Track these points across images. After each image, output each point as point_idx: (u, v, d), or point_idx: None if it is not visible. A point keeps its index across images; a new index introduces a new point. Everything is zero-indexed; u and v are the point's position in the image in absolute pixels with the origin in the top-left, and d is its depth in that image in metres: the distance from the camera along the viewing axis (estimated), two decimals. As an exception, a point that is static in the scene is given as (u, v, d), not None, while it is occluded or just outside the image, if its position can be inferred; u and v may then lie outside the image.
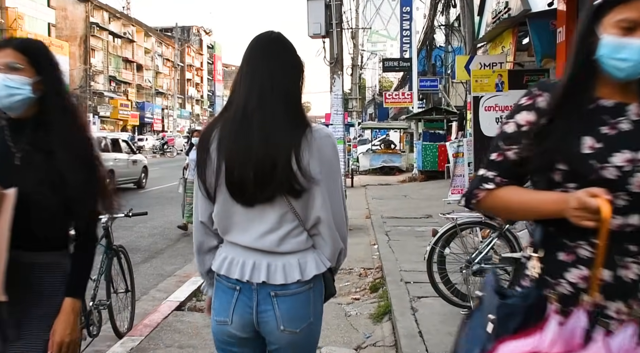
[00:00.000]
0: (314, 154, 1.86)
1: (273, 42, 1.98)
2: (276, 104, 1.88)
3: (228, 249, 1.96)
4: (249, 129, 1.85)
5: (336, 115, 9.55)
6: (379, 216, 11.09)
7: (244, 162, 1.83)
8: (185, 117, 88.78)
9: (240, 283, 1.91)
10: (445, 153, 19.59)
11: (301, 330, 1.92)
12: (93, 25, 61.85)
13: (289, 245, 1.90)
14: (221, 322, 1.95)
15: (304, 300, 1.92)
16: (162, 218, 12.04)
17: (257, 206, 1.87)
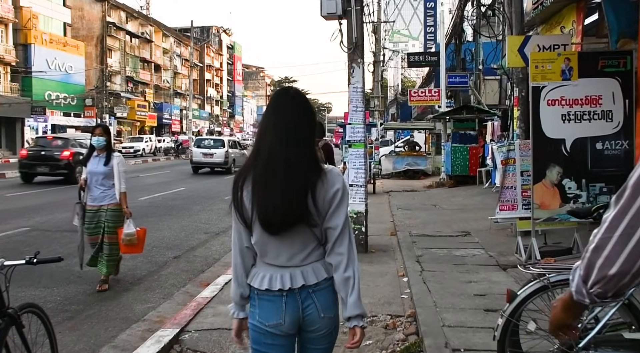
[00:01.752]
0: (324, 190, 2.31)
1: (292, 99, 2.42)
2: (296, 154, 2.31)
3: (265, 269, 2.39)
4: (274, 176, 2.28)
5: (355, 113, 7.83)
6: (406, 233, 9.33)
7: (271, 203, 2.27)
8: (205, 117, 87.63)
9: (285, 291, 2.34)
10: (476, 156, 17.80)
11: (334, 316, 2.42)
12: (110, 25, 60.78)
13: (313, 257, 2.39)
14: (274, 325, 2.36)
15: (331, 291, 2.41)
16: (155, 233, 10.38)
17: (284, 234, 2.31)
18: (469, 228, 9.62)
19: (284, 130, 2.32)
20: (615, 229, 1.37)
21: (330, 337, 2.46)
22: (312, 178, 2.28)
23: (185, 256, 8.56)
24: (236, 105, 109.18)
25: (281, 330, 2.36)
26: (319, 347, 2.46)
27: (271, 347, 2.40)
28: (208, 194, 17.23)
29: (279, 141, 2.30)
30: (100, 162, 6.59)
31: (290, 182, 2.25)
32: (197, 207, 14.15)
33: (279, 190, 2.24)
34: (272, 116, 2.38)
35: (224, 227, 11.33)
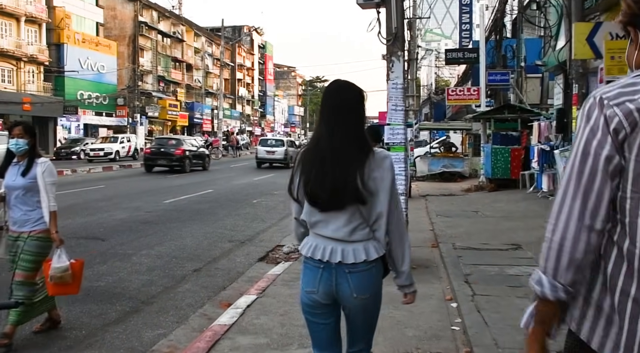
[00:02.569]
0: (374, 172, 2.52)
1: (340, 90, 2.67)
2: (344, 139, 2.55)
3: (313, 239, 2.65)
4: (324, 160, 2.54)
5: (395, 112, 6.97)
6: (449, 245, 8.44)
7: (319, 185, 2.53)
8: (236, 117, 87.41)
9: (323, 263, 2.57)
10: (519, 158, 16.79)
11: (368, 297, 2.59)
12: (142, 25, 60.79)
13: (357, 235, 2.56)
14: (310, 291, 2.63)
15: (368, 275, 2.57)
16: (176, 241, 9.69)
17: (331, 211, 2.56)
18: (518, 240, 8.69)
19: (333, 117, 2.59)
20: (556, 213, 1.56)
21: (367, 314, 2.65)
22: (359, 162, 2.51)
23: (207, 269, 7.81)
24: (267, 105, 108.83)
25: (315, 299, 2.61)
26: (357, 322, 2.67)
27: (312, 313, 2.68)
28: (235, 197, 16.52)
29: (329, 127, 2.58)
30: (19, 172, 4.82)
31: (338, 166, 2.50)
32: (223, 212, 13.44)
33: (327, 174, 2.51)
34: (324, 105, 2.65)
35: (250, 234, 10.58)
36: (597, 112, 1.52)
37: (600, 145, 1.50)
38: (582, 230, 1.52)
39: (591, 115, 1.53)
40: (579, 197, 1.52)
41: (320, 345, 2.76)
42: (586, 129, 1.54)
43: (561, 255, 1.54)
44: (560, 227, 1.54)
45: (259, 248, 9.35)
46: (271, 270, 7.37)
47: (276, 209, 14.16)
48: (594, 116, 1.52)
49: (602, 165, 1.51)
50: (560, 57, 13.34)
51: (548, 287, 1.56)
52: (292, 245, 9.40)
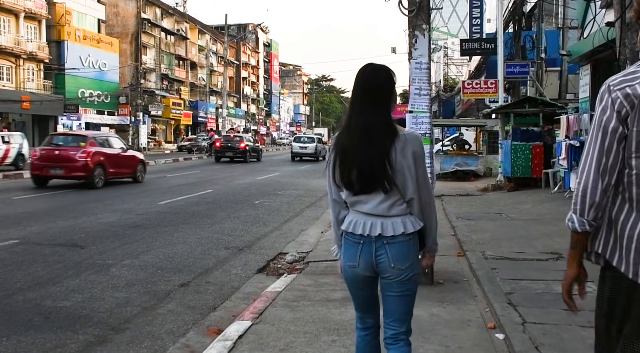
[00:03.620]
0: (402, 154, 2.64)
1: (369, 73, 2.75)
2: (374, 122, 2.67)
3: (353, 215, 2.78)
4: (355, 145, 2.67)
5: (419, 97, 5.82)
6: (478, 254, 7.28)
7: (352, 170, 2.67)
8: (240, 116, 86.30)
9: (362, 238, 2.73)
10: (540, 155, 15.59)
11: (405, 268, 2.72)
12: (145, 22, 59.76)
13: (395, 210, 2.69)
14: (351, 265, 2.79)
15: (406, 247, 2.71)
16: (166, 248, 8.57)
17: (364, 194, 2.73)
18: (556, 248, 7.52)
19: (364, 100, 2.71)
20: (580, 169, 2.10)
21: (403, 285, 2.75)
22: (388, 144, 2.63)
23: (196, 283, 6.67)
24: (273, 104, 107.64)
25: (356, 272, 2.80)
26: (393, 291, 2.77)
27: (354, 285, 2.87)
28: (236, 198, 15.38)
29: (360, 110, 2.72)
30: None
31: (369, 150, 2.64)
32: (222, 214, 12.30)
33: (358, 158, 2.66)
34: (355, 90, 2.76)
35: (250, 240, 9.44)
36: (606, 96, 2.03)
37: (608, 120, 2.01)
38: (598, 180, 2.03)
39: (602, 98, 2.05)
40: (595, 156, 2.03)
41: (362, 310, 2.95)
42: (599, 109, 2.05)
43: (585, 199, 2.06)
44: (583, 179, 2.06)
45: (258, 256, 8.22)
46: (271, 286, 6.23)
47: (279, 211, 13.02)
48: (604, 99, 2.04)
49: (610, 134, 2.00)
50: (595, 41, 12.14)
51: (578, 223, 2.10)
52: (297, 254, 8.27)
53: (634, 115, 1.94)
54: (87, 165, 17.15)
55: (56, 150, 17.57)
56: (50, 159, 17.30)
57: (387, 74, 2.76)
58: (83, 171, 17.13)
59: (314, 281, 6.33)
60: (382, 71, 2.76)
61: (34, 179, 17.97)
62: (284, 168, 29.54)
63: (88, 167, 17.16)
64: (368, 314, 2.94)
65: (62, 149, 17.61)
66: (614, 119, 1.97)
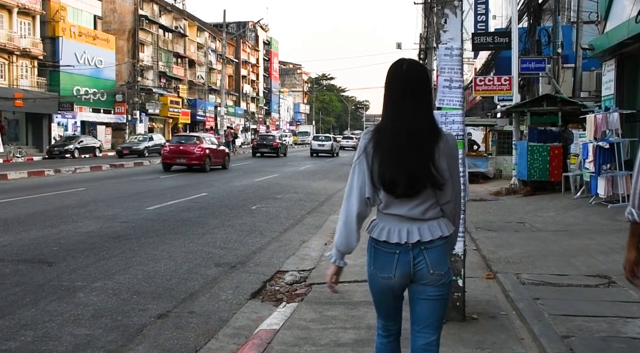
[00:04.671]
0: (444, 155, 2.55)
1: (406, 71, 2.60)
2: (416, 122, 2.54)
3: (385, 221, 2.63)
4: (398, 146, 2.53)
5: (449, 91, 4.70)
6: (512, 276, 6.17)
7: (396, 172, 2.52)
8: (240, 115, 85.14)
9: (399, 247, 2.59)
10: (559, 157, 14.49)
11: (445, 273, 2.62)
12: (142, 19, 58.62)
13: (430, 213, 2.60)
14: (386, 277, 2.63)
15: (443, 251, 2.63)
16: (147, 265, 7.46)
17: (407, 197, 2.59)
18: (602, 269, 6.42)
19: (404, 98, 2.55)
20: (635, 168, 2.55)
21: (440, 289, 2.62)
22: (431, 145, 2.53)
23: (177, 313, 5.56)
24: (272, 103, 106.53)
25: (391, 284, 2.63)
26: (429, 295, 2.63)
27: (382, 292, 2.69)
28: (232, 202, 14.27)
29: (402, 109, 2.56)
30: None
31: (413, 151, 2.51)
32: (215, 221, 11.19)
33: (404, 160, 2.51)
34: (393, 84, 2.60)
35: (244, 254, 8.34)
36: None
37: None
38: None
39: None
40: None
41: (386, 317, 2.80)
42: None
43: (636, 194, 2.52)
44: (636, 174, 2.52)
45: (253, 276, 7.10)
46: (267, 320, 5.11)
47: (278, 218, 11.91)
48: None
49: None
50: (623, 33, 11.06)
51: (636, 215, 2.53)
52: (297, 272, 7.18)
53: None
54: (202, 156, 24.89)
55: (180, 146, 25.38)
56: (176, 151, 25.18)
57: (425, 70, 2.71)
58: (199, 160, 24.83)
59: (318, 314, 5.21)
60: (420, 66, 2.70)
61: (164, 165, 25.68)
62: (283, 169, 28.40)
63: (202, 157, 24.90)
64: (393, 321, 2.81)
65: (184, 145, 25.34)
66: None
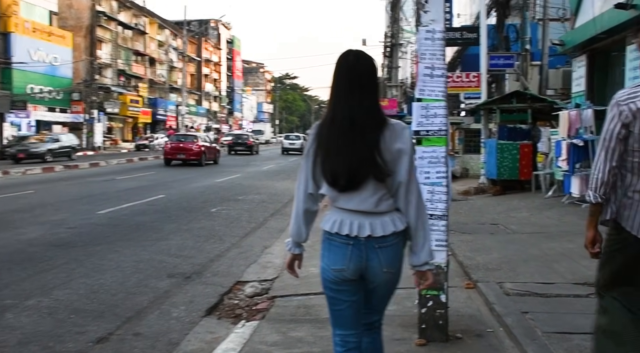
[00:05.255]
0: (391, 144, 2.48)
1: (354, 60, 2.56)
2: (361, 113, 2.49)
3: (337, 214, 2.55)
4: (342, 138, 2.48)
5: (430, 79, 4.11)
6: (494, 285, 5.62)
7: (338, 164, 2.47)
8: (202, 114, 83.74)
9: (351, 239, 2.51)
10: (529, 155, 14.14)
11: (395, 271, 2.60)
12: (100, 15, 56.96)
13: (383, 206, 2.51)
14: (339, 270, 2.55)
15: (397, 249, 2.56)
16: (91, 277, 6.72)
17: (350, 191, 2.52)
18: (588, 276, 5.87)
19: (349, 89, 2.51)
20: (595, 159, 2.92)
21: (390, 286, 2.65)
22: (376, 135, 2.47)
23: (120, 336, 4.85)
24: (235, 102, 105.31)
25: (344, 276, 2.56)
26: (379, 295, 2.66)
27: (337, 291, 2.60)
28: (190, 205, 13.51)
29: (344, 101, 2.51)
30: None
31: (356, 142, 2.46)
32: (171, 226, 10.44)
33: (345, 151, 2.46)
34: (339, 76, 2.55)
35: (201, 262, 7.65)
36: (615, 108, 2.81)
37: (615, 126, 2.79)
38: (607, 167, 2.82)
39: (612, 110, 2.83)
40: (604, 151, 2.83)
41: (344, 324, 2.66)
42: (609, 117, 2.84)
43: (597, 181, 2.86)
44: (597, 166, 2.87)
45: (210, 288, 6.42)
46: (222, 346, 4.43)
47: (239, 221, 11.22)
48: (614, 110, 2.82)
49: (615, 136, 2.79)
50: (597, 28, 10.71)
51: (593, 197, 2.89)
52: (258, 284, 6.53)
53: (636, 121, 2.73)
54: (199, 152, 29.23)
55: (180, 144, 29.63)
56: (177, 148, 29.38)
57: (371, 60, 2.62)
58: (197, 156, 29.11)
59: (282, 335, 4.57)
60: (367, 57, 2.62)
61: (165, 160, 29.76)
62: (246, 169, 27.66)
63: (199, 154, 29.22)
64: (351, 331, 2.66)
65: (184, 143, 29.67)
66: (620, 126, 2.78)
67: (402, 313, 4.91)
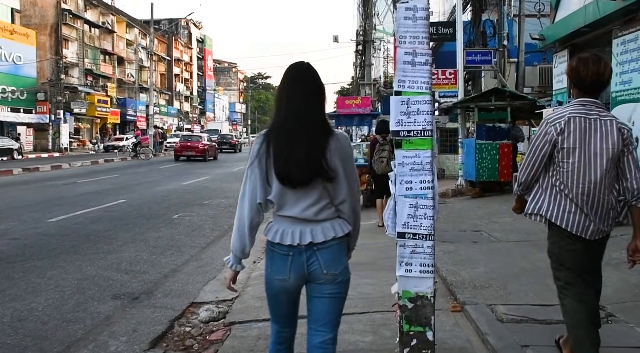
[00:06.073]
0: (336, 153, 2.62)
1: (305, 71, 2.72)
2: (311, 116, 2.63)
3: (279, 223, 2.67)
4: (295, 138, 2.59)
5: (412, 68, 3.34)
6: (484, 309, 4.89)
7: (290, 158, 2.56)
8: (173, 114, 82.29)
9: (292, 249, 2.62)
10: (509, 155, 13.53)
11: (339, 273, 2.67)
12: (65, 13, 55.37)
13: (323, 215, 2.64)
14: (281, 279, 2.66)
15: (337, 250, 2.67)
16: (21, 301, 5.85)
17: (300, 188, 2.59)
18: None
19: (299, 100, 2.64)
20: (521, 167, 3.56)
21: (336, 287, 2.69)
22: (324, 141, 2.61)
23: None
24: (207, 102, 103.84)
25: (287, 285, 2.66)
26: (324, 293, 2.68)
27: (278, 294, 2.71)
28: (151, 211, 12.60)
29: (295, 108, 2.63)
30: None
31: (308, 143, 2.59)
32: (126, 235, 9.56)
33: (300, 150, 2.57)
34: (288, 87, 2.68)
35: (153, 279, 6.81)
36: (544, 126, 3.40)
37: (543, 143, 3.38)
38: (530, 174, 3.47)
39: (542, 128, 3.42)
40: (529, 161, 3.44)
41: (280, 321, 2.81)
42: (539, 132, 3.42)
43: (522, 181, 3.53)
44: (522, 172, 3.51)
45: (159, 311, 5.59)
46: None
47: (202, 229, 10.37)
48: (543, 129, 3.40)
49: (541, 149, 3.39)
50: (548, 33, 10.12)
51: (517, 191, 3.61)
52: (215, 307, 5.71)
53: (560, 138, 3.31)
54: (203, 150, 34.86)
55: (188, 143, 35.78)
56: (185, 147, 35.22)
57: (317, 73, 2.75)
58: (201, 153, 34.62)
59: (234, 380, 3.78)
60: (314, 70, 2.75)
61: (175, 156, 35.29)
62: (215, 170, 26.71)
63: (204, 151, 34.85)
64: (287, 327, 2.84)
65: (191, 142, 35.98)
66: (547, 142, 3.35)
67: (380, 348, 4.15)
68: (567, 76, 3.42)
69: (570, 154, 3.29)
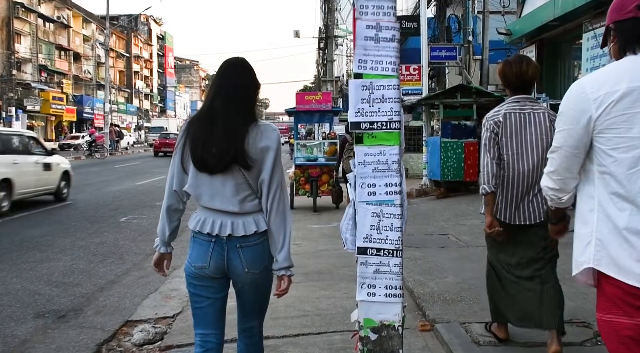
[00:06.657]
0: (257, 142, 2.56)
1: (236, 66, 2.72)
2: (234, 106, 2.61)
3: (202, 213, 2.64)
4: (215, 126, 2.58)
5: (375, 45, 2.70)
6: (458, 329, 4.30)
7: (207, 143, 2.55)
8: (132, 112, 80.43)
9: (213, 237, 2.58)
10: (474, 154, 13.05)
11: (259, 272, 2.63)
12: (17, 6, 53.36)
13: (247, 207, 2.59)
14: (199, 267, 2.62)
15: (260, 250, 2.62)
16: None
17: (218, 175, 2.56)
18: (571, 308, 4.66)
19: (226, 90, 2.65)
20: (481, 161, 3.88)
21: (258, 289, 2.70)
22: (245, 130, 2.57)
23: None
24: (168, 100, 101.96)
25: (205, 273, 2.62)
26: (249, 297, 2.71)
27: (199, 287, 2.66)
28: (98, 213, 11.73)
29: (222, 98, 2.63)
30: None
31: (227, 131, 2.56)
32: (65, 241, 8.74)
33: (218, 136, 2.55)
34: (218, 79, 2.69)
35: (85, 292, 6.04)
36: (486, 122, 3.74)
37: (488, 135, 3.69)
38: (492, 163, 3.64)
39: (484, 124, 3.75)
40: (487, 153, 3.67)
41: (204, 323, 2.70)
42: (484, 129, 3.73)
43: (488, 174, 3.64)
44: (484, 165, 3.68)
45: (85, 333, 4.85)
46: None
47: (150, 233, 9.58)
48: (486, 124, 3.73)
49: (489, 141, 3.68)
50: (515, 27, 9.68)
51: (486, 189, 3.65)
52: (153, 327, 4.99)
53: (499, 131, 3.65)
54: None
55: (166, 140, 37.42)
56: (163, 144, 37.18)
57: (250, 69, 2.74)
58: None
59: None
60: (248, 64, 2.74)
61: (155, 153, 37.68)
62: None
63: None
64: (211, 330, 2.70)
65: (169, 139, 36.97)
66: (489, 134, 3.69)
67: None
68: None
69: (508, 146, 3.65)
